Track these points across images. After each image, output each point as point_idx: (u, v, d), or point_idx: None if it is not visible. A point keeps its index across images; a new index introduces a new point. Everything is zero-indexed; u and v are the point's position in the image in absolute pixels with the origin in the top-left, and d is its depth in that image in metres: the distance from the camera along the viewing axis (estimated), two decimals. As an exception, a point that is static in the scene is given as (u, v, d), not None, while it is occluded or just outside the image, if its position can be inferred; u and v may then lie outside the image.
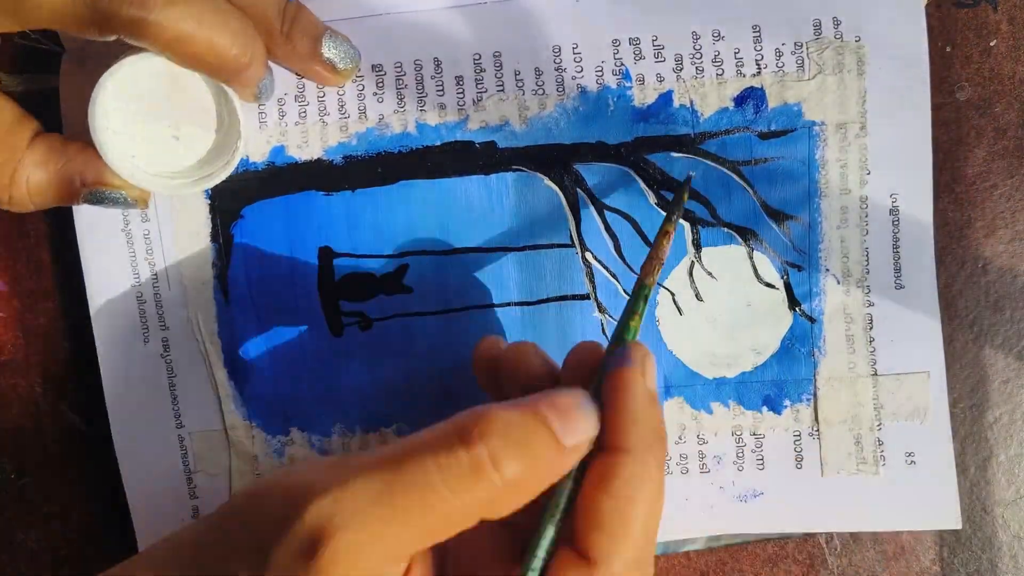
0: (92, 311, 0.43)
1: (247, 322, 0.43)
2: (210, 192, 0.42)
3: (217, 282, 0.43)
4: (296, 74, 0.41)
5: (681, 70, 0.41)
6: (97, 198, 0.39)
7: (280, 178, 0.42)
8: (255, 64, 0.37)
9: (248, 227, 0.42)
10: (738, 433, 0.43)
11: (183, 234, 0.42)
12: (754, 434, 0.43)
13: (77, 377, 0.44)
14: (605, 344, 0.37)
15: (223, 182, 0.40)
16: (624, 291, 0.43)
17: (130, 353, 0.43)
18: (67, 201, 0.39)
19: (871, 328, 0.43)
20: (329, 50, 0.39)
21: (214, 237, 0.42)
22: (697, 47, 0.41)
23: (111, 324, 0.43)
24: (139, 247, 0.42)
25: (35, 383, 0.44)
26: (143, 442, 0.43)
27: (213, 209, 0.42)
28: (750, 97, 0.41)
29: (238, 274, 0.43)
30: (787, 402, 0.43)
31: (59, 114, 0.41)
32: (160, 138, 0.40)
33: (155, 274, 0.42)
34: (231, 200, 0.42)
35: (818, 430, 0.43)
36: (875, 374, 0.43)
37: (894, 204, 0.42)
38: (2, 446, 0.44)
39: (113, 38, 0.35)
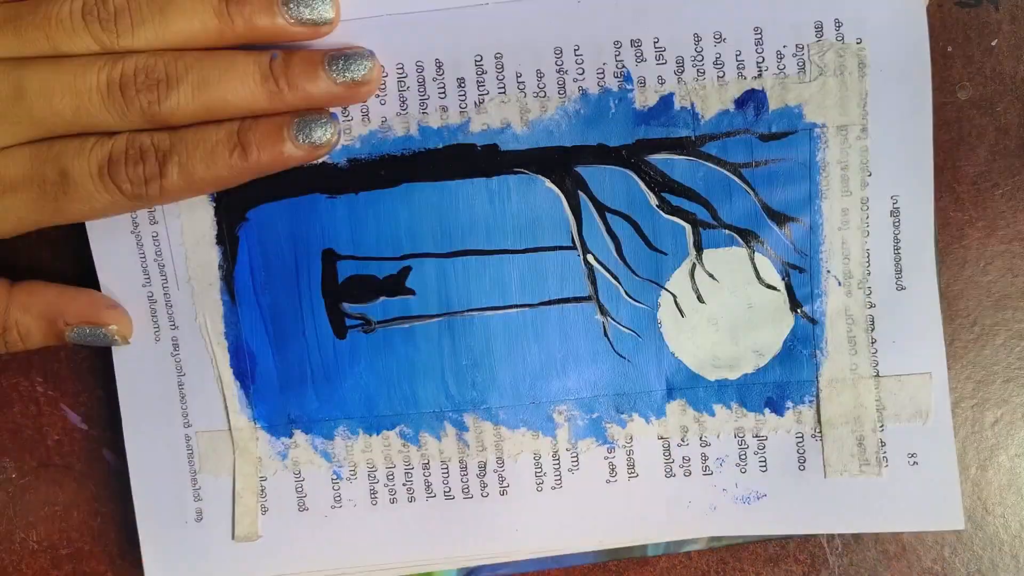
0: None
1: (253, 323, 0.43)
2: (215, 195, 0.42)
3: (224, 284, 0.43)
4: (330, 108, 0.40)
5: (682, 72, 0.41)
6: (80, 335, 0.41)
7: (285, 181, 0.42)
8: None
9: (253, 230, 0.42)
10: (740, 435, 0.43)
11: (190, 236, 0.42)
12: (756, 436, 0.43)
13: (77, 377, 0.44)
14: None
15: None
16: (626, 293, 0.43)
17: (142, 351, 0.43)
18: (54, 341, 0.41)
19: (872, 329, 0.43)
20: (340, 71, 0.39)
21: (220, 239, 0.42)
22: (698, 49, 0.41)
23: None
24: (148, 249, 0.42)
25: (35, 383, 0.44)
26: (151, 440, 0.43)
27: (218, 212, 0.42)
28: (751, 99, 0.41)
29: (244, 276, 0.43)
30: (789, 404, 0.43)
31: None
32: None
33: (164, 275, 0.43)
34: (236, 203, 0.42)
35: (820, 432, 0.43)
36: (877, 375, 0.43)
37: (895, 206, 0.42)
38: (2, 446, 0.44)
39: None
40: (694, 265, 0.43)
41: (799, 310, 0.43)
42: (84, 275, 0.43)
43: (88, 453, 0.45)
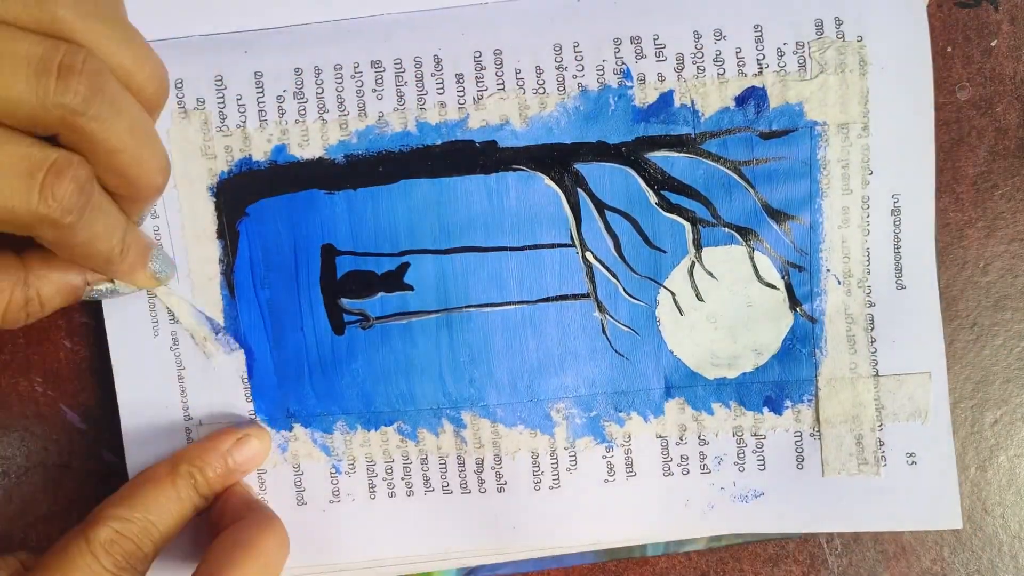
0: (104, 304, 0.43)
1: (252, 318, 0.43)
2: (215, 190, 0.42)
3: (223, 278, 0.43)
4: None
5: (682, 69, 0.41)
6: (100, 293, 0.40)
7: (282, 177, 0.42)
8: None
9: (253, 225, 0.42)
10: (739, 434, 0.43)
11: (190, 231, 0.42)
12: (755, 435, 0.43)
13: (76, 377, 0.44)
14: None
15: (228, 179, 0.41)
16: (625, 290, 0.43)
17: (140, 346, 0.43)
18: (73, 301, 0.39)
19: (872, 328, 0.42)
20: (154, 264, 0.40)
21: (220, 234, 0.42)
22: (698, 46, 0.41)
23: (122, 317, 0.43)
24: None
25: (34, 383, 0.44)
26: (151, 434, 0.43)
27: (218, 207, 0.42)
28: (751, 97, 0.41)
29: (244, 271, 0.43)
30: (788, 403, 0.43)
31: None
32: None
33: None
34: (236, 198, 0.42)
35: (819, 431, 0.43)
36: (876, 375, 0.43)
37: (896, 204, 0.42)
38: (2, 446, 0.44)
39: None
40: (693, 263, 0.43)
41: (798, 309, 0.43)
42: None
43: (87, 453, 0.45)
